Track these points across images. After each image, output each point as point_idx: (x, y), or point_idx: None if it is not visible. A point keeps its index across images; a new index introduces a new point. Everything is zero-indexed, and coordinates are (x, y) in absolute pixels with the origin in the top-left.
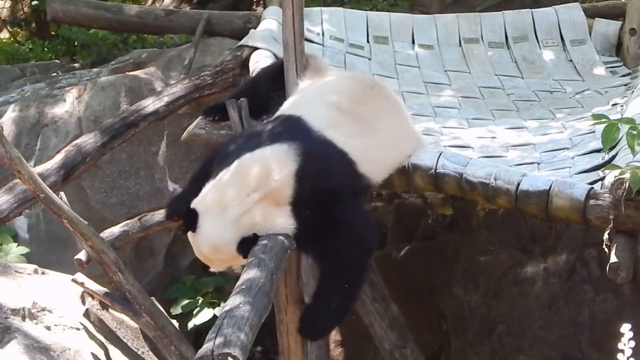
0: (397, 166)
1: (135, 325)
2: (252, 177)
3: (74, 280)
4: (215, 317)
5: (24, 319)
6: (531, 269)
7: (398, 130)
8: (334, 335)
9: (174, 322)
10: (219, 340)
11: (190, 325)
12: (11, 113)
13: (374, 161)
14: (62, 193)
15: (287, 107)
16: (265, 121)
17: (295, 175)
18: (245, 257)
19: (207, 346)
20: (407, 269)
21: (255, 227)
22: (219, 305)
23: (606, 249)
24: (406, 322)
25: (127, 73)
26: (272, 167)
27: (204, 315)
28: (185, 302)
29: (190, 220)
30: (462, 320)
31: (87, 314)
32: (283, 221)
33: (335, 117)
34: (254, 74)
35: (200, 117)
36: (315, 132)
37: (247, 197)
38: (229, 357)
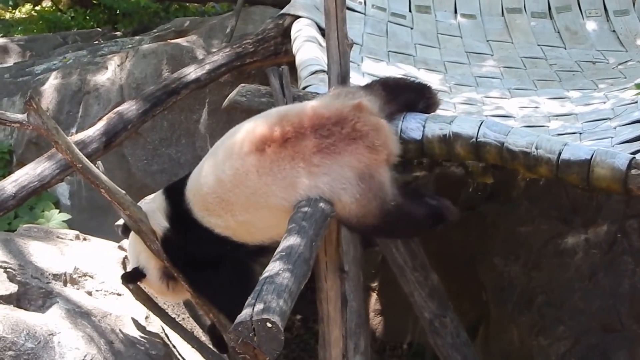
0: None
1: None
2: None
3: (120, 247)
4: None
5: (65, 284)
6: (572, 239)
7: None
8: (374, 304)
9: None
10: (258, 306)
11: None
12: (53, 80)
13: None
14: (99, 162)
15: None
16: None
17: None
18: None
19: (246, 312)
20: (447, 239)
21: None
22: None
23: None
24: (446, 292)
25: (168, 41)
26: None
27: None
28: None
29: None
30: (502, 290)
31: None
32: None
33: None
34: None
35: (241, 85)
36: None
37: None
38: (267, 323)
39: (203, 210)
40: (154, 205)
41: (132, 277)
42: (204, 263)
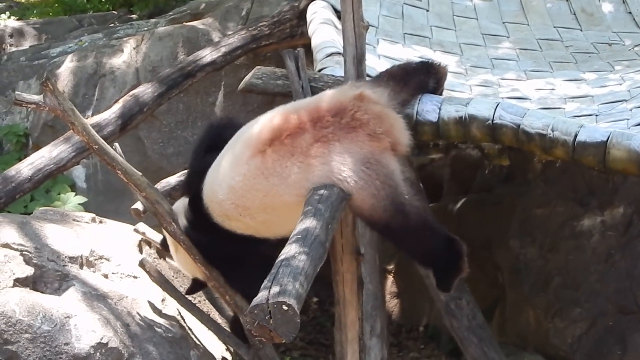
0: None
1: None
2: None
3: (135, 230)
4: None
5: (81, 267)
6: (588, 222)
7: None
8: (390, 287)
9: None
10: (274, 289)
11: None
12: (69, 63)
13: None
14: (116, 144)
15: None
16: None
17: None
18: None
19: (262, 295)
20: (463, 221)
21: None
22: None
23: None
24: None
25: (184, 24)
26: None
27: None
28: None
29: None
30: (518, 273)
31: (144, 262)
32: None
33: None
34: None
35: (257, 67)
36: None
37: None
38: (283, 306)
39: (222, 215)
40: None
41: (195, 289)
42: (225, 255)
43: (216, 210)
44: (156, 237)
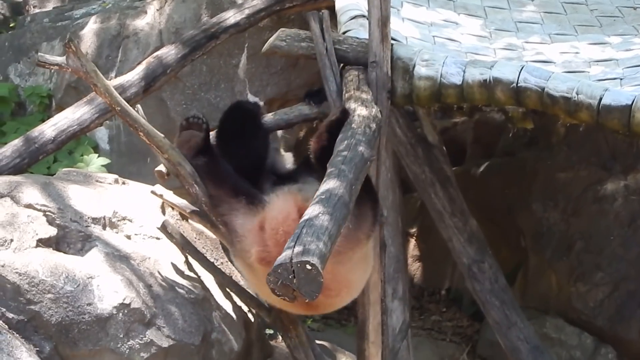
0: None
1: (214, 236)
2: None
3: (153, 192)
4: None
5: (104, 227)
6: (611, 186)
7: None
8: (412, 250)
9: None
10: (297, 248)
11: None
12: (92, 25)
13: None
14: (138, 106)
15: None
16: None
17: None
18: None
19: (286, 254)
20: (486, 185)
21: None
22: None
23: None
24: (484, 237)
25: None
26: None
27: None
28: None
29: None
30: (541, 237)
31: (166, 224)
32: None
33: None
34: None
35: (281, 29)
36: None
37: None
38: (307, 265)
39: None
40: None
41: None
42: None
43: None
44: (174, 199)
